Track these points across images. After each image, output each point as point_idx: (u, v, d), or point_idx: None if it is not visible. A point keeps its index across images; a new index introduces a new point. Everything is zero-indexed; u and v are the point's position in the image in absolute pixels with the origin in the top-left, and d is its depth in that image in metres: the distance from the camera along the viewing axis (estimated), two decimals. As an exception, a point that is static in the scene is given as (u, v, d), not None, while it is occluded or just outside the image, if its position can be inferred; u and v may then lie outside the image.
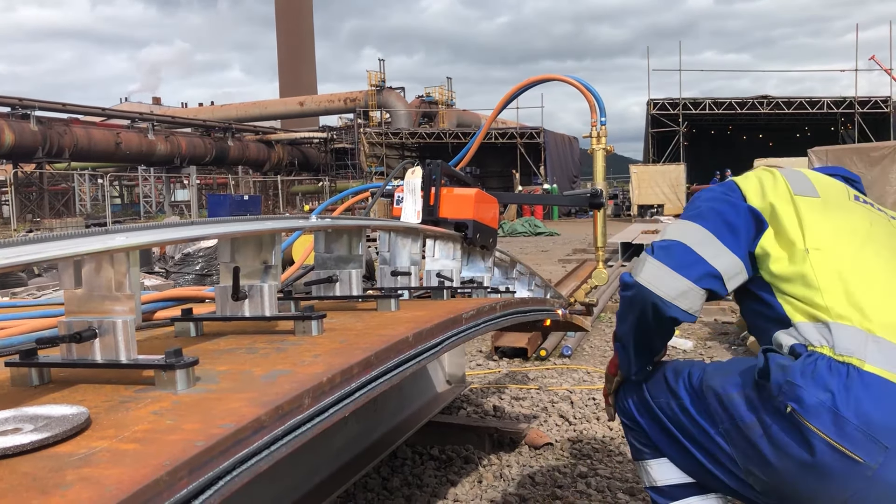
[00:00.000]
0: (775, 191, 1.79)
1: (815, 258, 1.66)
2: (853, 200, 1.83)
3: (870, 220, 1.77)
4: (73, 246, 1.11)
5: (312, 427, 1.14)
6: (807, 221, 1.71)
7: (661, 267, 1.76)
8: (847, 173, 2.03)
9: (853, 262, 1.66)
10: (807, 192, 1.78)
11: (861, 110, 33.49)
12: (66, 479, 0.84)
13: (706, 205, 1.86)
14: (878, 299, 1.60)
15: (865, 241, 1.70)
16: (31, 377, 1.26)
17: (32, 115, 31.02)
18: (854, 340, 1.53)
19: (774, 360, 1.58)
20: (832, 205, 1.77)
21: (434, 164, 2.84)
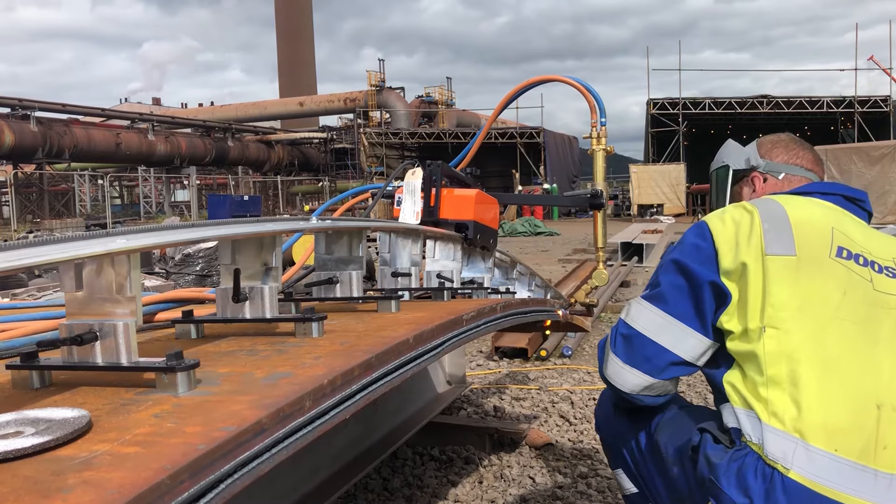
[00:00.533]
0: (748, 244, 1.60)
1: (770, 339, 1.52)
2: (833, 257, 1.58)
3: (844, 288, 1.55)
4: (73, 249, 1.11)
5: (313, 429, 1.13)
6: (772, 291, 1.54)
7: (622, 365, 1.72)
8: (848, 191, 1.80)
9: (810, 346, 1.50)
10: (781, 250, 1.57)
11: (861, 110, 33.52)
12: (68, 482, 0.84)
13: (666, 280, 1.71)
14: (825, 395, 1.46)
15: (832, 318, 1.52)
16: (32, 380, 1.26)
17: (32, 115, 31.04)
18: (781, 446, 1.45)
19: (704, 451, 1.56)
20: (807, 265, 1.56)
21: (434, 165, 2.84)
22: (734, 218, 1.66)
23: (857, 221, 1.73)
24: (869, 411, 1.45)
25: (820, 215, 1.67)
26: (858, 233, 1.66)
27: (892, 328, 1.53)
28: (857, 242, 1.62)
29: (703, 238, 1.67)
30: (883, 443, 1.44)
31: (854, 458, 1.43)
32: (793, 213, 1.64)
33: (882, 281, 1.58)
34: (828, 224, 1.64)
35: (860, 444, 1.43)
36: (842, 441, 1.43)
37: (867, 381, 1.47)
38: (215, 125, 42.93)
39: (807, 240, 1.59)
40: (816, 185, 1.85)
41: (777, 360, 1.50)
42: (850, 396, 1.46)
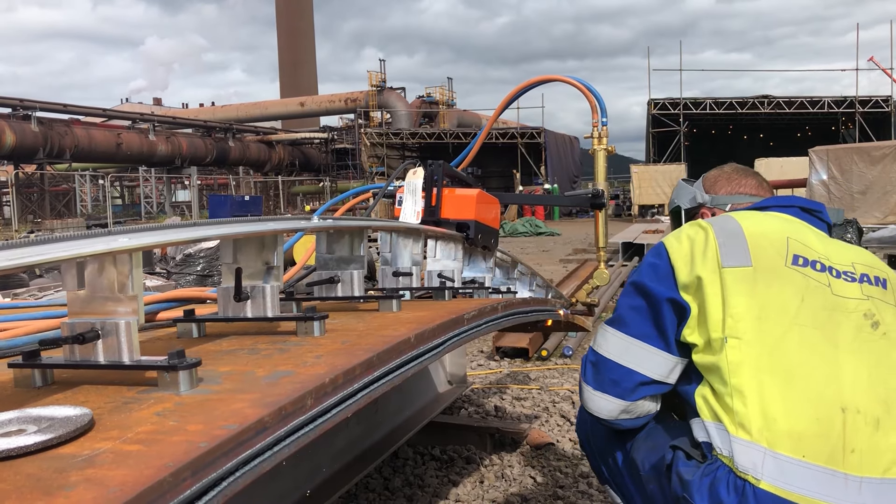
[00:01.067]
0: (704, 259, 1.62)
1: (732, 350, 1.52)
2: (789, 266, 1.59)
3: (802, 294, 1.55)
4: (76, 247, 1.11)
5: (315, 428, 1.14)
6: (731, 302, 1.55)
7: (594, 392, 1.74)
8: (805, 203, 1.81)
9: (771, 354, 1.50)
10: (737, 261, 1.59)
11: (862, 110, 33.50)
12: (70, 480, 0.85)
13: (625, 303, 1.73)
14: (789, 402, 1.46)
15: (792, 324, 1.52)
16: (35, 378, 1.26)
17: (33, 115, 31.07)
18: (750, 457, 1.45)
19: (676, 469, 1.57)
20: (763, 274, 1.57)
21: (436, 165, 2.84)
22: (689, 235, 1.69)
23: (815, 231, 1.74)
24: (834, 416, 1.45)
25: (775, 227, 1.69)
26: (816, 241, 1.68)
27: (852, 331, 1.54)
28: (815, 250, 1.64)
29: (660, 257, 1.70)
30: (850, 446, 1.44)
31: (822, 463, 1.43)
32: (747, 227, 1.66)
33: (840, 285, 1.59)
34: (783, 234, 1.66)
35: (827, 449, 1.44)
36: (809, 447, 1.44)
37: (830, 386, 1.47)
38: (216, 125, 42.95)
39: (762, 250, 1.61)
40: (774, 200, 1.88)
41: (739, 370, 1.50)
42: (814, 402, 1.46)
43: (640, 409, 1.73)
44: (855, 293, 1.59)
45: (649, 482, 1.71)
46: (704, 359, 1.57)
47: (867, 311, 1.56)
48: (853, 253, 1.69)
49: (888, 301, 1.61)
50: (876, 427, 1.46)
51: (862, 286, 1.60)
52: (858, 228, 12.02)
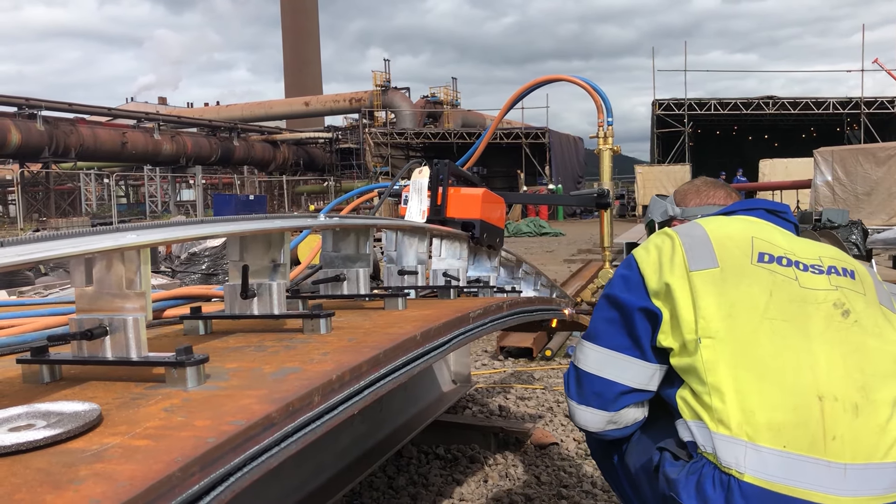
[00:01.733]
0: (672, 265, 1.66)
1: (706, 349, 1.56)
2: (755, 263, 1.63)
3: (770, 289, 1.59)
4: (84, 244, 1.11)
5: (322, 424, 1.14)
6: (701, 304, 1.59)
7: (578, 406, 1.80)
8: (769, 205, 1.87)
9: (744, 349, 1.54)
10: (703, 264, 1.63)
11: (867, 111, 33.41)
12: (79, 474, 0.85)
13: (600, 316, 1.76)
14: (765, 394, 1.50)
15: (762, 319, 1.56)
16: (43, 374, 1.27)
17: (39, 114, 31.14)
18: (733, 452, 1.48)
19: (663, 469, 1.60)
20: (731, 274, 1.62)
21: (441, 164, 2.84)
22: (656, 244, 1.74)
23: (781, 230, 1.78)
24: (811, 404, 1.48)
25: (739, 228, 1.73)
26: (782, 239, 1.72)
27: (823, 320, 1.57)
28: (781, 246, 1.68)
29: (630, 268, 1.75)
30: (831, 434, 1.46)
31: (804, 452, 1.46)
32: (712, 230, 1.71)
33: (807, 278, 1.63)
34: (748, 234, 1.70)
35: (808, 438, 1.46)
36: (789, 437, 1.46)
37: (805, 375, 1.50)
38: (221, 125, 43.01)
39: (727, 251, 1.65)
40: (739, 204, 1.93)
41: (715, 368, 1.54)
42: (790, 392, 1.49)
43: (626, 419, 1.76)
44: (823, 284, 1.62)
45: (641, 484, 1.74)
46: (681, 361, 1.61)
47: (836, 300, 1.60)
48: (819, 248, 1.73)
49: (857, 290, 1.64)
50: (855, 413, 1.48)
51: (830, 277, 1.64)
52: (863, 230, 11.99)
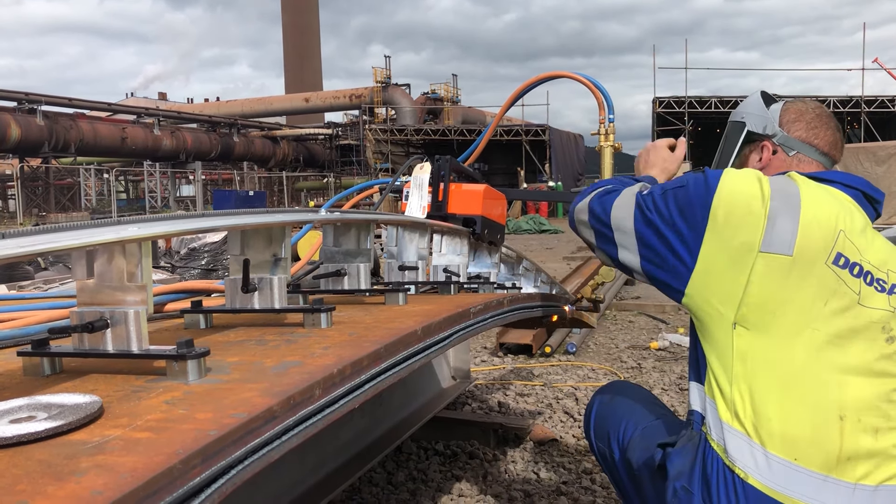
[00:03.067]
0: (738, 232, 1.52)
1: (740, 338, 1.50)
2: (828, 264, 1.50)
3: (827, 298, 1.49)
4: (86, 236, 1.11)
5: (323, 418, 1.14)
6: (753, 290, 1.49)
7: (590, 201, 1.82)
8: (870, 189, 1.69)
9: (777, 352, 1.48)
10: (778, 248, 1.49)
11: (868, 109, 33.40)
12: (81, 465, 0.85)
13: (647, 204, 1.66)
14: (786, 406, 1.45)
15: (806, 327, 1.47)
16: (44, 366, 1.27)
17: (39, 109, 31.15)
18: (742, 450, 1.46)
19: (672, 463, 1.58)
20: (799, 268, 1.48)
21: (443, 160, 2.84)
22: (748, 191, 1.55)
23: (866, 224, 1.63)
24: (831, 423, 1.44)
25: (833, 212, 1.55)
26: (863, 238, 1.57)
27: (866, 342, 1.49)
28: (859, 250, 1.54)
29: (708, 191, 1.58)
30: (847, 454, 1.43)
31: (816, 468, 1.42)
32: (806, 207, 1.52)
33: (869, 294, 1.52)
34: (837, 226, 1.53)
35: (822, 456, 1.43)
36: (802, 451, 1.43)
37: (831, 392, 1.45)
38: (221, 120, 43.01)
39: (809, 241, 1.50)
40: (842, 176, 1.69)
41: (744, 360, 1.49)
42: (812, 408, 1.45)
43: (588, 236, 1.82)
44: (881, 304, 1.52)
45: (643, 481, 1.74)
46: (715, 331, 1.54)
47: (886, 323, 1.51)
48: (892, 256, 1.59)
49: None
50: (875, 437, 1.45)
51: (891, 297, 1.53)
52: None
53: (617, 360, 5.58)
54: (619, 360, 5.55)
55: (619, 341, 6.26)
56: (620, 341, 6.27)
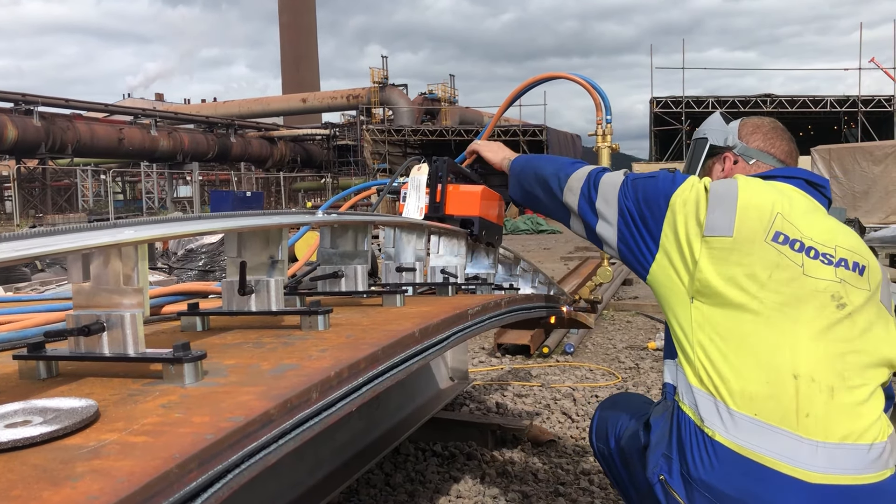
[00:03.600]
0: (688, 222, 1.73)
1: (696, 310, 1.67)
2: (768, 241, 1.66)
3: (771, 270, 1.64)
4: (82, 239, 1.11)
5: (320, 421, 1.13)
6: (701, 267, 1.67)
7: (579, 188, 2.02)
8: (810, 176, 1.87)
9: (729, 321, 1.63)
10: (719, 231, 1.68)
11: (864, 109, 33.47)
12: (77, 470, 0.84)
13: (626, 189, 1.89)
14: (740, 366, 1.59)
15: (753, 297, 1.63)
16: (40, 370, 1.26)
17: (35, 110, 31.10)
18: (708, 409, 1.59)
19: (653, 433, 1.72)
20: (741, 245, 1.66)
21: (441, 161, 2.83)
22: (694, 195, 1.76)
23: (812, 207, 1.79)
24: (785, 381, 1.56)
25: (770, 199, 1.72)
26: (805, 219, 1.72)
27: (815, 309, 1.62)
28: (800, 229, 1.69)
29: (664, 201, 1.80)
30: (804, 411, 1.54)
31: (775, 423, 1.54)
32: (743, 196, 1.71)
33: (814, 266, 1.66)
34: (773, 209, 1.70)
35: (780, 411, 1.54)
36: (761, 407, 1.55)
37: (783, 354, 1.58)
38: (218, 121, 42.97)
39: (747, 222, 1.67)
40: (781, 170, 1.91)
41: (702, 328, 1.65)
42: (764, 368, 1.58)
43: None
44: (828, 275, 1.65)
45: (634, 465, 1.84)
46: (678, 304, 1.72)
47: (835, 293, 1.64)
48: (840, 236, 1.73)
49: (861, 287, 1.67)
50: (831, 395, 1.56)
51: (837, 269, 1.67)
52: (861, 227, 12.02)
53: (615, 360, 5.58)
54: (616, 361, 5.55)
55: (617, 341, 6.27)
56: (618, 341, 6.27)
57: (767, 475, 1.51)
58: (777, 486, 1.50)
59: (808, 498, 1.49)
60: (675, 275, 1.72)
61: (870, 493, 1.52)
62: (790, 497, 1.49)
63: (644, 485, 1.74)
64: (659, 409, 1.75)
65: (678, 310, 1.71)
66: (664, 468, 1.64)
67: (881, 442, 1.56)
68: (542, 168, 2.22)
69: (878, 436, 1.56)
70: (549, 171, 2.16)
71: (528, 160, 2.37)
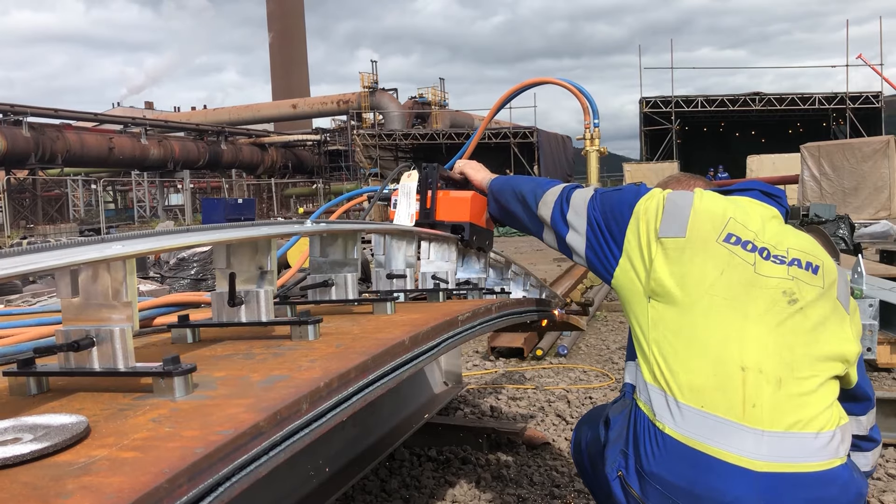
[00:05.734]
0: (647, 227, 1.83)
1: (652, 308, 1.75)
2: (720, 242, 1.76)
3: (722, 268, 1.72)
4: (69, 255, 1.11)
5: (310, 432, 1.14)
6: (656, 267, 1.77)
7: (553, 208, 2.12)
8: (764, 187, 1.97)
9: (681, 317, 1.70)
10: (672, 232, 1.79)
11: (852, 106, 33.65)
12: (67, 488, 0.85)
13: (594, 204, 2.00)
14: (688, 361, 1.65)
15: (705, 294, 1.70)
16: (30, 386, 1.26)
17: (24, 121, 30.97)
18: (659, 403, 1.66)
19: (611, 430, 1.78)
20: (692, 245, 1.76)
21: (430, 168, 2.84)
22: (653, 203, 1.88)
23: (768, 215, 1.87)
24: (732, 373, 1.62)
25: (725, 206, 1.83)
26: (759, 224, 1.81)
27: (765, 304, 1.69)
28: (752, 231, 1.78)
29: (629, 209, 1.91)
30: (751, 401, 1.60)
31: (721, 414, 1.59)
32: (697, 203, 1.83)
33: (765, 266, 1.74)
34: (726, 214, 1.80)
35: (726, 402, 1.60)
36: (708, 399, 1.61)
37: (731, 348, 1.64)
38: (208, 128, 42.88)
39: (699, 225, 1.78)
40: (738, 185, 2.01)
41: (656, 326, 1.72)
42: (712, 361, 1.64)
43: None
44: (779, 273, 1.73)
45: (597, 464, 1.87)
46: (635, 304, 1.81)
47: (787, 289, 1.71)
48: (792, 240, 1.82)
49: (815, 284, 1.75)
50: (778, 385, 1.61)
51: (790, 268, 1.74)
52: (850, 224, 12.08)
53: (608, 361, 5.60)
54: (610, 362, 5.56)
55: (610, 342, 6.28)
56: (611, 342, 6.28)
57: (713, 464, 1.57)
58: (723, 474, 1.55)
59: (752, 485, 1.54)
60: (635, 276, 1.82)
61: (815, 480, 1.57)
62: (735, 485, 1.55)
63: (606, 484, 1.77)
64: (617, 406, 1.81)
65: (637, 310, 1.80)
66: (622, 464, 1.70)
67: (829, 430, 1.61)
68: (519, 186, 2.35)
69: (825, 425, 1.61)
70: (527, 189, 2.28)
71: (507, 180, 2.53)
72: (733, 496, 1.54)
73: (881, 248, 10.73)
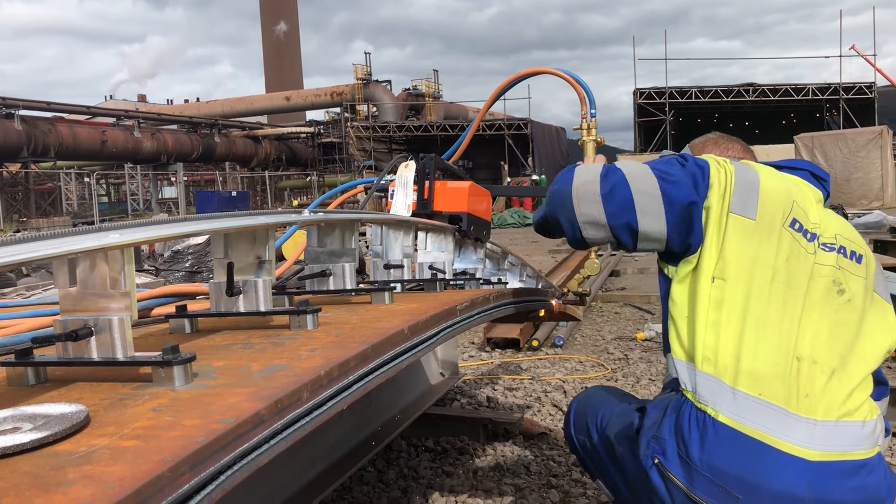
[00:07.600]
0: (721, 197, 1.73)
1: (716, 289, 1.68)
2: (786, 227, 1.73)
3: (787, 255, 1.70)
4: (67, 244, 1.10)
5: (311, 420, 1.14)
6: (726, 247, 1.70)
7: (596, 195, 1.77)
8: (815, 169, 1.94)
9: (745, 301, 1.66)
10: (744, 211, 1.72)
11: (846, 96, 33.71)
12: (68, 477, 0.84)
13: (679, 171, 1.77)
14: (754, 346, 1.63)
15: (772, 279, 1.67)
16: (28, 376, 1.26)
17: (16, 114, 30.74)
18: (711, 389, 1.62)
19: (648, 416, 1.73)
20: (762, 229, 1.71)
21: (427, 158, 2.84)
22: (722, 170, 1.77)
23: (817, 197, 1.87)
24: (789, 362, 1.62)
25: (786, 187, 1.80)
26: (814, 208, 1.81)
27: (821, 295, 1.70)
28: (810, 218, 1.77)
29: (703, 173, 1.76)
30: (804, 391, 1.60)
31: (777, 402, 1.59)
32: (764, 182, 1.77)
33: (820, 255, 1.74)
34: (790, 197, 1.77)
35: (783, 391, 1.60)
36: (765, 386, 1.60)
37: (790, 337, 1.64)
38: (202, 121, 42.67)
39: (768, 207, 1.73)
40: (788, 161, 1.98)
41: (719, 307, 1.67)
42: (773, 348, 1.63)
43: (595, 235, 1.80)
44: (829, 261, 1.74)
45: (619, 445, 1.84)
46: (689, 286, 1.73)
47: (836, 278, 1.72)
48: (839, 226, 1.83)
49: (858, 274, 1.76)
50: (830, 377, 1.62)
51: (838, 257, 1.75)
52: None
53: (604, 351, 5.61)
54: (606, 352, 5.57)
55: (606, 333, 6.29)
56: (607, 333, 6.29)
57: (767, 452, 1.56)
58: (776, 462, 1.55)
59: (804, 474, 1.54)
60: (706, 253, 1.72)
61: (861, 467, 1.59)
62: (788, 473, 1.55)
63: (634, 470, 1.75)
64: (658, 398, 1.79)
65: (699, 289, 1.69)
66: (657, 450, 1.66)
67: (872, 419, 1.64)
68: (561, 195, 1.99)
69: (868, 413, 1.64)
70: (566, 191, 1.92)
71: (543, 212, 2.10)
72: (786, 484, 1.54)
73: (874, 238, 10.76)
